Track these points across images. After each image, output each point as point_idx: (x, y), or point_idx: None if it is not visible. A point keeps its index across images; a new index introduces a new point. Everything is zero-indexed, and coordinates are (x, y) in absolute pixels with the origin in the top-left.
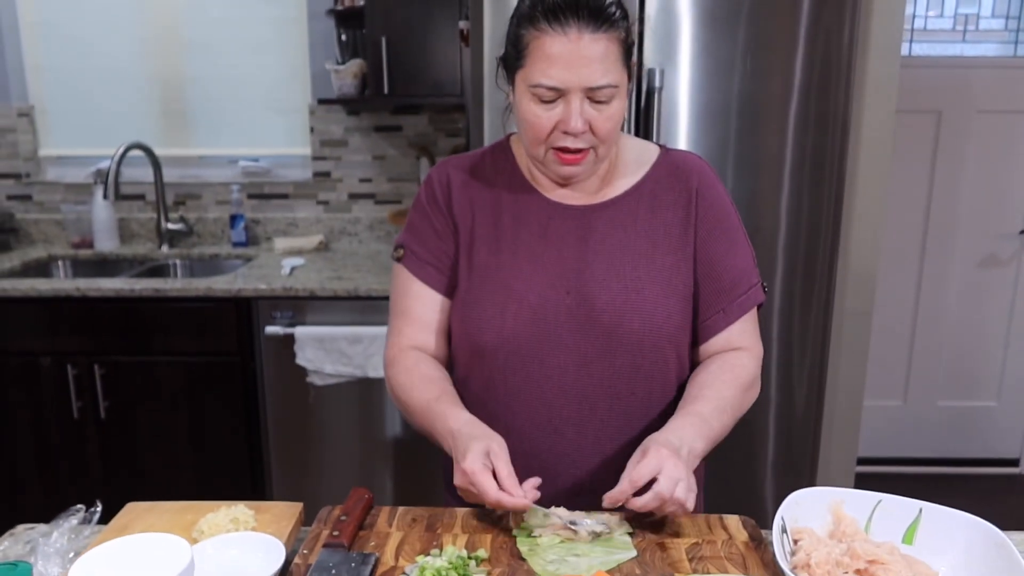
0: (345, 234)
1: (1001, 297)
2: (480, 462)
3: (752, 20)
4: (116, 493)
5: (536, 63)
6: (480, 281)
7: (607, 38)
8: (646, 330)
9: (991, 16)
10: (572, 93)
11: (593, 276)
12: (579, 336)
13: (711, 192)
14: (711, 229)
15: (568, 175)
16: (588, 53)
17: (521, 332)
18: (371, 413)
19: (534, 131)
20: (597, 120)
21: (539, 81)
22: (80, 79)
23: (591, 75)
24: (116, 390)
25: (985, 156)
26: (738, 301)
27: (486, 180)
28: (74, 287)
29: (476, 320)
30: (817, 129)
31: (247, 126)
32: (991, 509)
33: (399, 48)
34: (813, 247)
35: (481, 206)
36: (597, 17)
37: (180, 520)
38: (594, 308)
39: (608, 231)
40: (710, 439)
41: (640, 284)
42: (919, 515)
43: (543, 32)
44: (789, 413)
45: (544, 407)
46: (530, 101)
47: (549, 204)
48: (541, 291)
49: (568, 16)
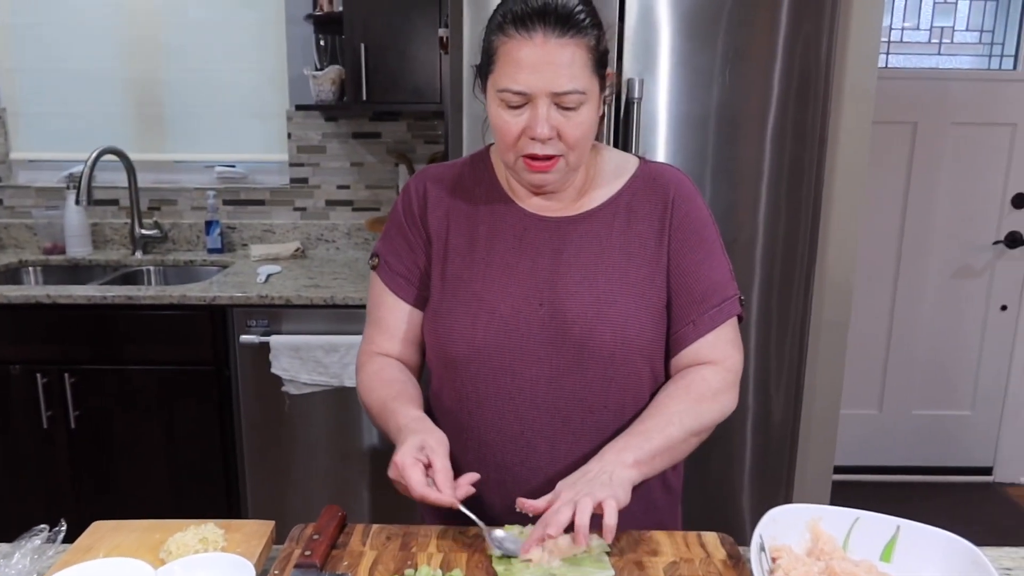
0: (322, 241)
1: (975, 307)
2: (411, 455)
3: (731, 31)
4: (86, 505)
5: (503, 68)
6: (453, 292)
7: (574, 44)
8: (617, 342)
9: (966, 29)
10: (538, 98)
11: (566, 288)
12: (551, 348)
13: (687, 204)
14: (685, 240)
15: (538, 183)
16: (554, 58)
17: (492, 343)
18: (347, 423)
19: (503, 136)
20: (565, 127)
21: (506, 86)
22: (54, 82)
23: (556, 80)
24: (87, 399)
25: (960, 167)
26: (709, 313)
27: (463, 191)
28: (45, 294)
29: (447, 331)
30: (795, 139)
31: (224, 131)
32: (965, 517)
33: (378, 55)
34: (790, 257)
35: (457, 217)
36: (564, 23)
37: (147, 540)
38: (566, 320)
39: (583, 243)
40: (646, 450)
41: (613, 296)
42: (897, 532)
43: (510, 38)
44: (767, 422)
45: (516, 419)
46: (499, 107)
47: (525, 215)
48: (513, 302)
49: (535, 22)
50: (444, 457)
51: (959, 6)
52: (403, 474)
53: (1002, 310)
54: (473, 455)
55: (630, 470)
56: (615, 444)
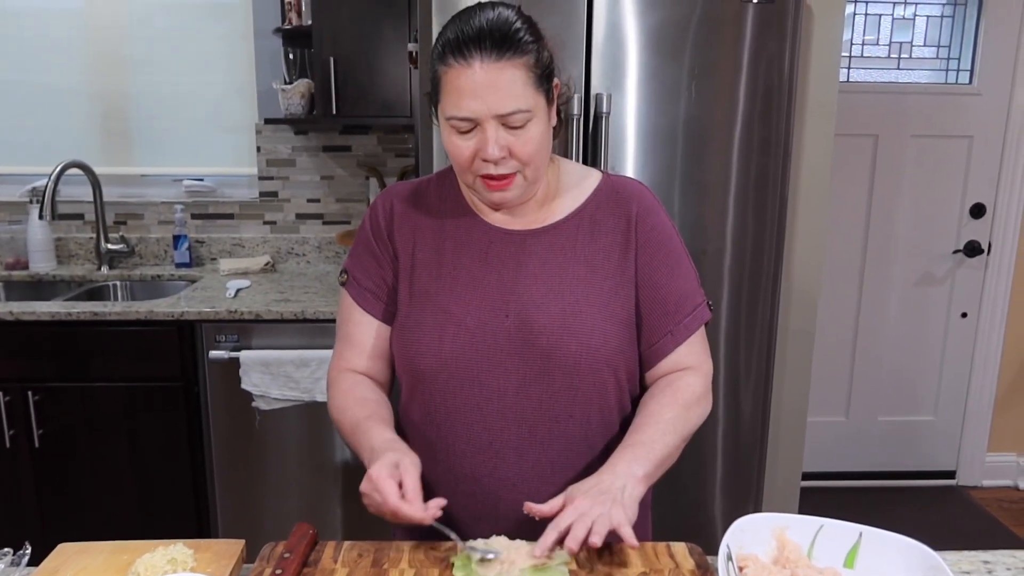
0: (292, 255)
1: (937, 314)
2: (387, 471)
3: (697, 47)
4: (51, 526)
5: (448, 97)
6: (420, 306)
7: (512, 65)
8: (583, 352)
9: (924, 44)
10: (485, 122)
11: (531, 299)
12: (517, 358)
13: (651, 217)
14: (652, 254)
15: (498, 200)
16: (494, 82)
17: (459, 355)
18: (319, 438)
19: (457, 161)
20: (515, 145)
21: (452, 113)
22: (17, 95)
23: (499, 103)
24: (52, 418)
25: (920, 178)
26: (684, 322)
27: (429, 207)
28: (7, 311)
29: (415, 344)
30: (760, 152)
31: (191, 145)
32: (929, 520)
33: (347, 68)
34: (757, 268)
35: (423, 233)
36: (500, 46)
37: (115, 562)
38: (532, 330)
39: (547, 255)
40: (652, 461)
41: (578, 307)
42: (859, 539)
43: (450, 67)
44: (736, 431)
45: (484, 430)
46: (450, 133)
47: (490, 229)
48: (479, 314)
49: (471, 48)
50: (416, 479)
51: (917, 22)
52: (378, 486)
53: (962, 317)
54: (443, 466)
55: (640, 485)
56: (624, 455)
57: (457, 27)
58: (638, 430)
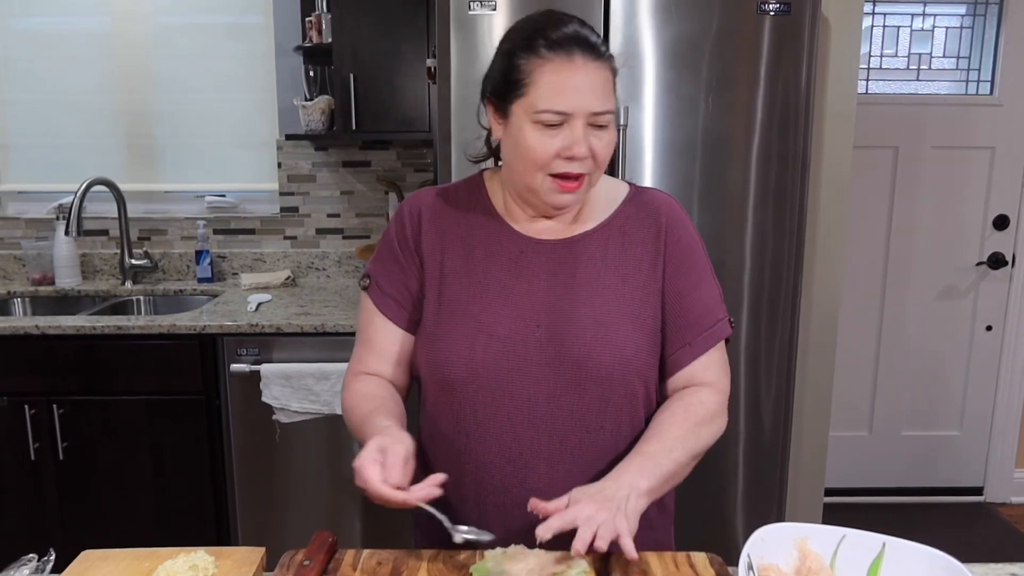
0: (313, 269)
1: (961, 327)
2: (370, 456)
3: (714, 60)
4: (74, 536)
5: (542, 89)
6: (449, 314)
7: (606, 68)
8: (616, 364)
9: (943, 56)
10: (577, 118)
11: (563, 310)
12: (548, 369)
13: (679, 229)
14: (678, 265)
15: (564, 204)
16: (593, 80)
17: (491, 365)
18: (339, 451)
19: (536, 158)
20: (597, 146)
21: (547, 107)
22: (44, 114)
23: (595, 101)
24: (76, 431)
25: (941, 190)
26: (704, 335)
27: (458, 214)
28: (33, 325)
29: (445, 353)
30: (779, 164)
31: (214, 161)
32: (957, 538)
33: (367, 84)
34: (777, 281)
35: (452, 240)
36: (596, 47)
37: (137, 568)
38: (564, 341)
39: (579, 265)
40: (658, 475)
41: (610, 318)
42: (883, 549)
43: (548, 60)
44: (757, 445)
45: (514, 441)
46: (532, 128)
47: (521, 238)
48: (511, 324)
49: (572, 46)
50: (398, 459)
51: (936, 33)
52: (360, 474)
53: (987, 330)
54: (471, 477)
55: (643, 499)
56: (629, 466)
57: (544, 23)
58: (647, 443)
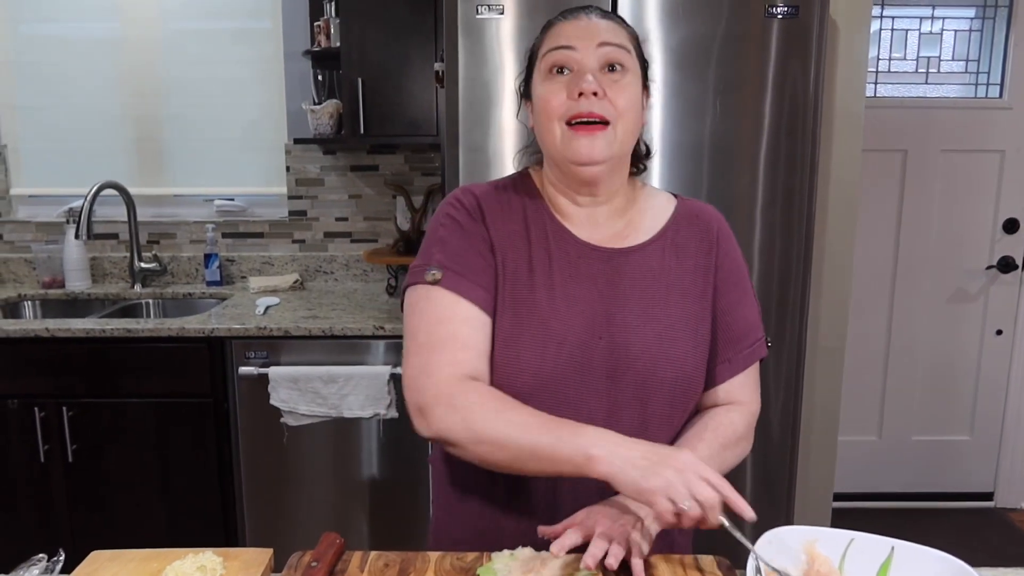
0: (321, 273)
1: (971, 331)
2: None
3: (722, 63)
4: (83, 538)
5: (550, 39)
6: (518, 318)
7: (619, 26)
8: (678, 379)
9: (951, 59)
10: (586, 56)
11: (625, 321)
12: (609, 382)
13: (728, 243)
14: (726, 279)
15: (585, 153)
16: (600, 25)
17: (559, 375)
18: (346, 454)
19: (550, 107)
20: (611, 88)
21: (552, 45)
22: (54, 118)
23: (601, 33)
24: (85, 433)
25: (950, 193)
26: (744, 353)
27: (513, 210)
28: (43, 327)
29: (515, 361)
30: (787, 169)
31: (223, 165)
32: (967, 543)
33: (375, 89)
34: (785, 284)
35: (512, 235)
36: (609, 15)
37: (146, 569)
38: (628, 354)
39: (637, 276)
40: None
41: (672, 332)
42: (891, 553)
43: (557, 23)
44: (766, 449)
45: None
46: (544, 79)
47: (579, 243)
48: (579, 333)
49: (581, 12)
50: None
51: (944, 36)
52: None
53: (997, 334)
54: (523, 488)
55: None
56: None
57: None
58: None
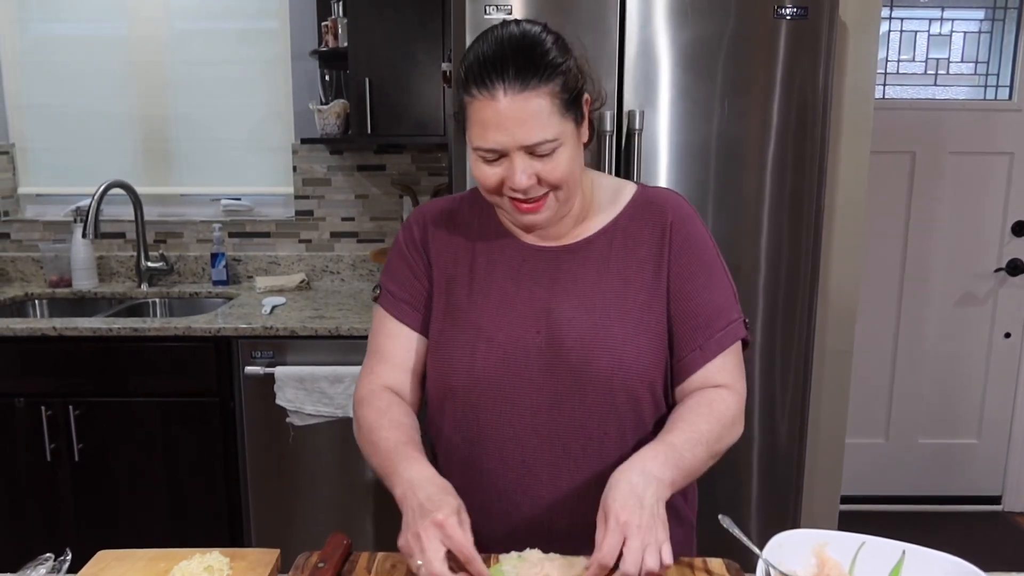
0: (327, 273)
1: (979, 335)
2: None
3: (729, 64)
4: (89, 537)
5: (473, 128)
6: (452, 323)
7: (537, 95)
8: (615, 368)
9: (961, 61)
10: (512, 153)
11: (562, 315)
12: (549, 375)
13: (686, 227)
14: (686, 264)
15: (529, 223)
16: (519, 114)
17: (491, 372)
18: (352, 454)
19: (486, 189)
20: (543, 171)
21: (478, 144)
22: (61, 118)
23: (525, 135)
24: (91, 432)
25: (959, 196)
26: (716, 337)
27: (463, 225)
28: (50, 326)
29: (448, 361)
30: (795, 170)
31: (230, 165)
32: (974, 546)
33: (382, 89)
34: (793, 286)
35: (457, 250)
36: (525, 74)
37: (153, 569)
38: (563, 346)
39: (580, 271)
40: (681, 468)
41: (609, 322)
42: (902, 557)
43: (474, 98)
44: (772, 452)
45: (517, 447)
46: (476, 161)
47: (523, 247)
48: (510, 331)
49: (494, 80)
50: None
51: (954, 38)
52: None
53: (1006, 337)
54: (475, 485)
55: (667, 490)
56: (656, 455)
57: (480, 51)
58: (672, 433)
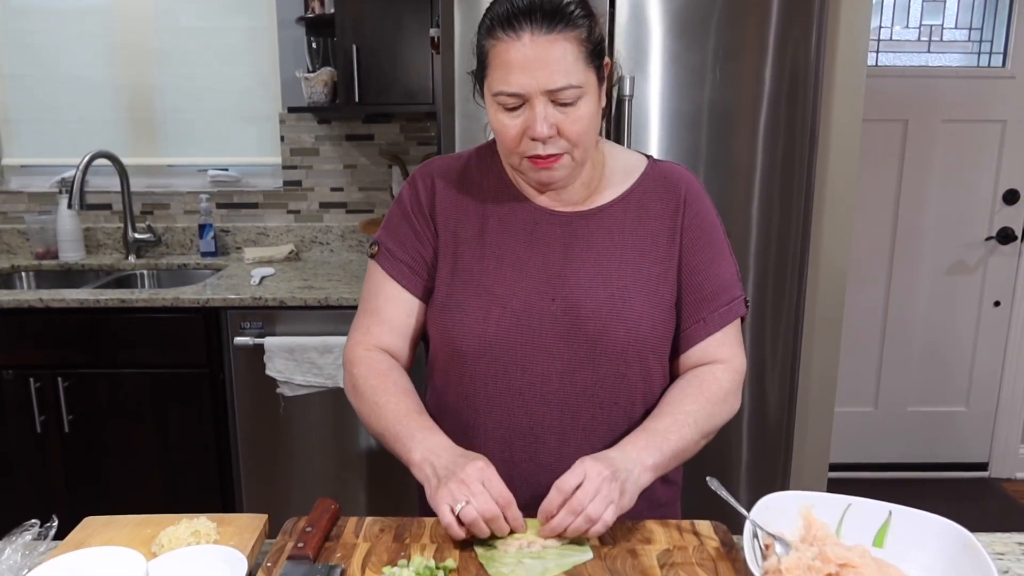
0: (316, 243)
1: (969, 303)
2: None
3: (721, 29)
4: (80, 509)
5: (496, 71)
6: (462, 286)
7: (564, 38)
8: (631, 339)
9: (955, 27)
10: (534, 98)
11: (579, 283)
12: (563, 343)
13: (698, 203)
14: (695, 239)
15: (545, 180)
16: (545, 56)
17: (504, 338)
18: (342, 424)
19: (504, 140)
20: (564, 123)
21: (500, 89)
22: (46, 88)
23: (550, 77)
24: (81, 403)
25: (951, 164)
26: (719, 312)
27: (471, 184)
28: (37, 298)
29: (458, 325)
30: (786, 137)
31: (216, 135)
32: (961, 513)
33: (370, 56)
34: (783, 253)
35: (466, 210)
36: (552, 19)
37: (139, 534)
38: (579, 316)
39: (595, 239)
40: (665, 452)
41: (626, 293)
42: (889, 518)
43: (499, 40)
44: (762, 420)
45: (526, 415)
46: (497, 111)
47: (535, 209)
48: (525, 296)
49: (521, 21)
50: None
51: (948, 5)
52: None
53: (995, 306)
54: (480, 451)
55: (647, 474)
56: (636, 440)
57: (507, 0)
58: (657, 418)
